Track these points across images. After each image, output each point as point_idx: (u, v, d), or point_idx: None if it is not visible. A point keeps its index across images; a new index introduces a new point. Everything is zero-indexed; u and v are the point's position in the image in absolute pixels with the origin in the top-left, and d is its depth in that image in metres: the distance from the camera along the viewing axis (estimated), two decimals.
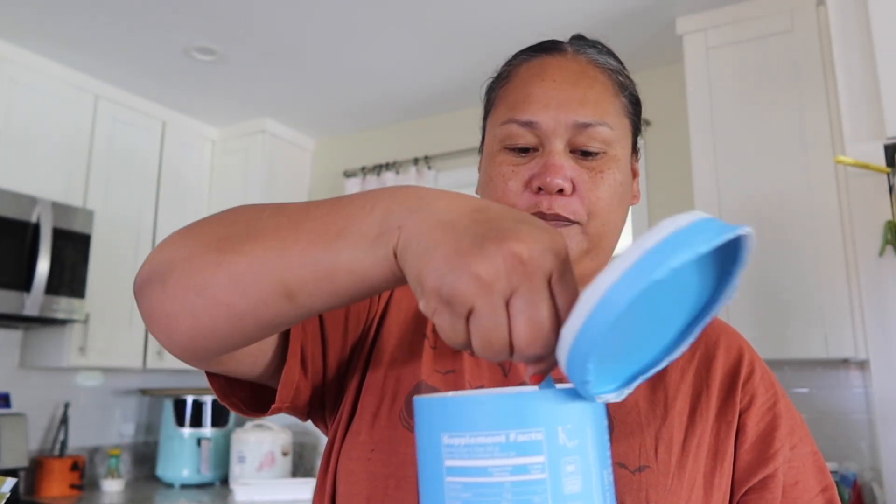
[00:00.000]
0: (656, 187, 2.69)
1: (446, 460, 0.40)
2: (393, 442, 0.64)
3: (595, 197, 0.66)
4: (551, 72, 0.69)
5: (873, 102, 1.77)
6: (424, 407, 0.42)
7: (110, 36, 2.57)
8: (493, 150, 0.70)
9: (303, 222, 0.48)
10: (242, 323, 0.50)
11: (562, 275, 0.40)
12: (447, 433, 0.40)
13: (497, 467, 0.39)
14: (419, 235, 0.42)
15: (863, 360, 2.04)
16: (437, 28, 2.49)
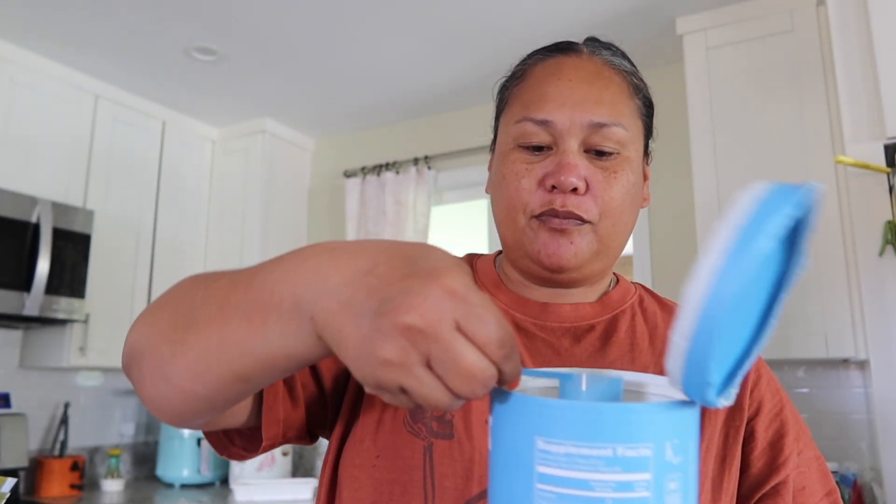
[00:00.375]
0: (656, 188, 2.69)
1: (539, 466, 0.37)
2: (398, 447, 0.63)
3: (608, 197, 0.66)
4: (567, 71, 0.69)
5: (873, 102, 1.77)
6: (517, 404, 0.39)
7: (110, 36, 2.57)
8: (507, 149, 0.70)
9: (229, 311, 0.49)
10: (211, 402, 0.53)
11: (466, 314, 0.39)
12: (543, 437, 0.37)
13: (600, 482, 0.36)
14: (328, 326, 0.42)
15: (863, 360, 2.04)
16: (437, 28, 2.48)
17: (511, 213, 0.68)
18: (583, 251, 0.67)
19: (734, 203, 0.36)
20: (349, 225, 3.23)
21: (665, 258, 2.63)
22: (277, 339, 0.46)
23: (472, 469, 0.62)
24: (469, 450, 0.62)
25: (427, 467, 0.62)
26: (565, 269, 0.67)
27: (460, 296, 0.39)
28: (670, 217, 2.63)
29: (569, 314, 0.71)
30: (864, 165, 1.69)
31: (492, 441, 0.41)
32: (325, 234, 3.47)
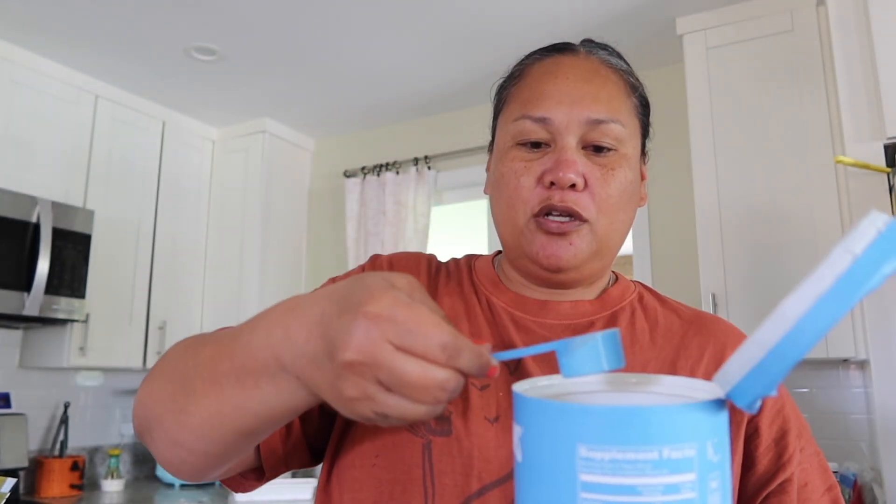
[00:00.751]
0: (656, 187, 2.69)
1: (582, 475, 0.36)
2: (397, 446, 0.64)
3: (605, 194, 0.66)
4: (564, 70, 0.70)
5: (873, 102, 1.77)
6: (555, 412, 0.37)
7: (110, 36, 2.57)
8: (506, 147, 0.70)
9: (220, 379, 0.52)
10: (224, 457, 0.57)
11: (397, 333, 0.41)
12: (586, 445, 0.36)
13: (648, 486, 0.35)
14: (308, 381, 0.47)
15: (863, 360, 2.04)
16: (437, 28, 2.48)
17: (510, 212, 0.69)
18: (582, 251, 0.67)
19: (856, 230, 0.35)
20: (349, 225, 3.23)
21: (665, 258, 2.63)
22: (274, 397, 0.50)
23: (472, 465, 0.62)
24: (468, 446, 0.63)
25: (426, 465, 0.63)
26: (564, 270, 0.68)
27: (385, 317, 0.41)
28: (670, 217, 2.63)
29: (568, 311, 0.71)
30: (864, 165, 1.69)
31: (522, 453, 0.39)
32: (325, 234, 3.47)
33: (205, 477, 0.61)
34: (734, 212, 2.15)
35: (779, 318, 0.36)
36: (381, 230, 3.15)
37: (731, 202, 2.17)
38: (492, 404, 0.65)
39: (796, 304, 0.35)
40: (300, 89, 3.00)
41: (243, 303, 3.16)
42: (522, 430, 0.39)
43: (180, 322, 3.13)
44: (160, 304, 3.05)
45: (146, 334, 2.98)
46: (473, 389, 0.66)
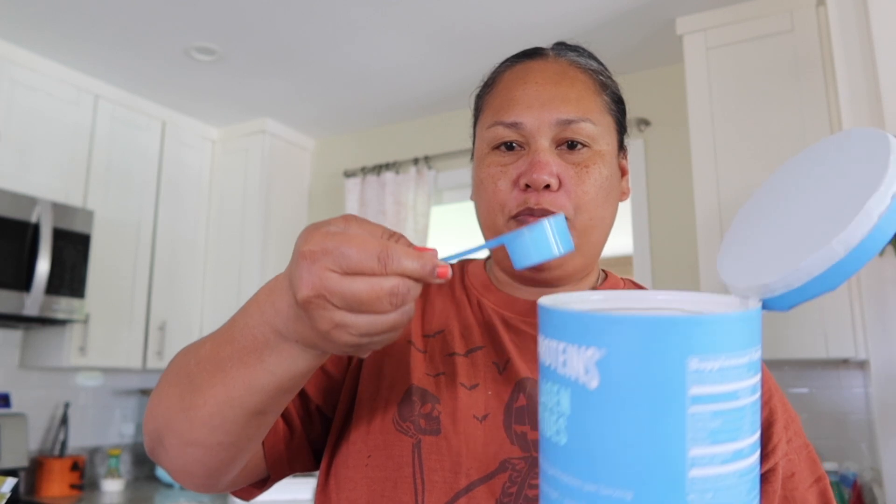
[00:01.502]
0: (656, 187, 2.69)
1: (693, 388, 0.35)
2: (388, 446, 0.66)
3: (581, 191, 0.68)
4: (533, 74, 0.71)
5: (873, 102, 1.77)
6: (664, 326, 0.36)
7: (110, 36, 2.57)
8: (483, 154, 0.72)
9: (224, 364, 0.56)
10: (238, 447, 0.60)
11: (333, 262, 0.45)
12: (698, 356, 0.35)
13: (743, 389, 0.37)
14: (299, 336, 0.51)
15: (863, 360, 2.04)
16: (437, 28, 2.48)
17: (490, 216, 0.71)
18: None
19: None
20: None
21: (665, 258, 2.63)
22: (278, 366, 0.53)
23: (460, 462, 0.64)
24: (456, 444, 0.65)
25: (416, 463, 0.65)
26: (545, 269, 0.70)
27: (319, 251, 0.46)
28: (670, 217, 2.63)
29: None
30: None
31: (600, 377, 0.37)
32: None
33: (218, 480, 0.64)
34: (734, 211, 2.15)
35: (861, 217, 0.37)
36: None
37: (731, 202, 2.17)
38: (480, 403, 0.67)
39: (878, 204, 0.37)
40: (300, 89, 3.00)
41: (243, 303, 3.15)
42: (605, 352, 0.37)
43: (180, 322, 3.13)
44: (160, 304, 3.05)
45: (146, 334, 2.98)
46: (462, 389, 0.68)
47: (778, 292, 0.41)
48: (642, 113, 2.73)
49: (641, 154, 2.72)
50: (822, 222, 0.40)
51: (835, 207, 0.40)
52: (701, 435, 0.36)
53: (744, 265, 0.46)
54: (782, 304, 0.41)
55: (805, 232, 0.41)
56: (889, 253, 1.69)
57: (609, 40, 2.55)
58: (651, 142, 2.72)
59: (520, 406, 0.67)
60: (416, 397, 0.68)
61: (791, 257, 0.41)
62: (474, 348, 0.71)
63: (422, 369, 0.70)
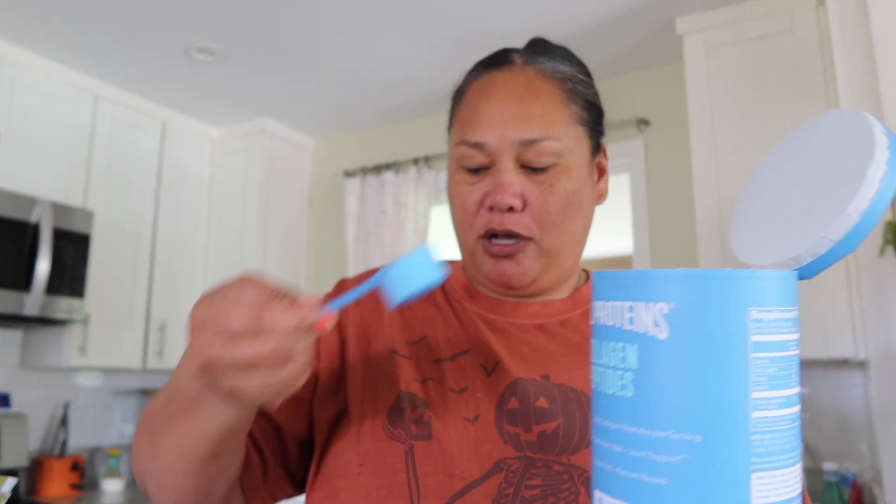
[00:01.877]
0: (656, 187, 2.69)
1: (753, 336, 0.39)
2: (380, 453, 0.66)
3: (545, 211, 0.68)
4: (497, 89, 0.70)
5: (873, 102, 1.76)
6: (727, 280, 0.40)
7: (110, 36, 2.57)
8: (452, 169, 0.73)
9: (172, 415, 0.59)
10: (206, 488, 0.63)
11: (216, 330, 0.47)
12: (758, 308, 0.40)
13: (792, 342, 0.41)
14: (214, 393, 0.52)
15: (863, 360, 2.04)
16: (437, 28, 2.48)
17: (461, 234, 0.72)
18: (531, 268, 0.69)
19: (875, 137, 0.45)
20: (349, 225, 3.23)
21: (665, 258, 2.63)
22: (216, 417, 0.55)
23: (454, 465, 0.64)
24: (448, 447, 0.64)
25: (410, 469, 0.64)
26: (516, 287, 0.71)
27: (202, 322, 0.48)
28: (670, 217, 2.63)
29: (539, 311, 0.73)
30: None
31: (669, 329, 0.40)
32: (325, 234, 3.47)
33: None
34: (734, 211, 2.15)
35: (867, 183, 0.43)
36: (381, 230, 3.15)
37: (731, 202, 2.17)
38: (470, 405, 0.67)
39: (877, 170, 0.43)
40: (300, 89, 3.00)
41: None
42: (674, 305, 0.40)
43: (180, 322, 3.13)
44: (160, 304, 3.05)
45: (146, 334, 2.98)
46: (451, 393, 0.68)
47: (805, 262, 0.46)
48: (642, 113, 2.73)
49: (641, 154, 2.72)
50: (831, 194, 0.45)
51: (839, 179, 0.45)
52: (761, 379, 0.39)
53: (764, 246, 0.50)
54: (810, 272, 0.46)
55: (817, 205, 0.46)
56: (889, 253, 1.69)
57: (609, 40, 2.55)
58: (651, 142, 2.72)
59: (511, 408, 0.67)
60: (405, 404, 0.67)
61: (811, 229, 0.45)
62: (460, 352, 0.71)
63: (409, 376, 0.70)
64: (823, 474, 2.05)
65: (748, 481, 0.39)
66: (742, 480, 0.39)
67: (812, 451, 2.23)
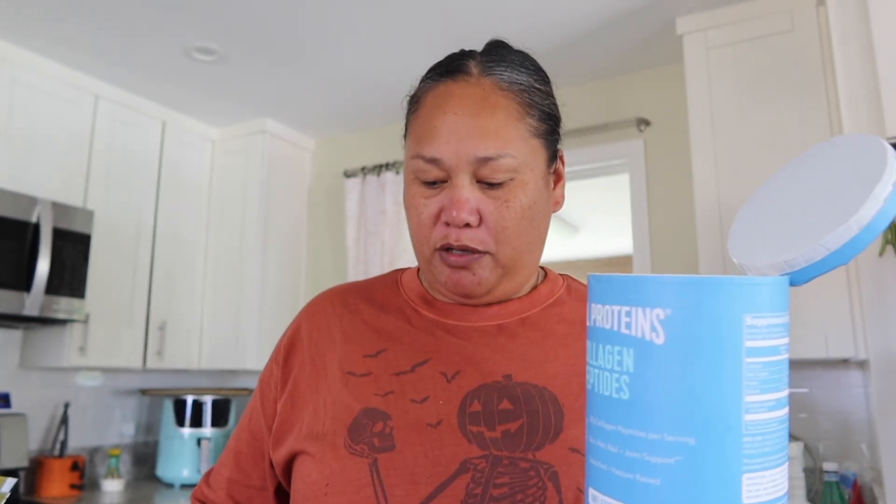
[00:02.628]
0: (656, 187, 2.69)
1: (747, 341, 0.41)
2: (345, 471, 0.66)
3: (501, 226, 0.68)
4: (453, 102, 0.69)
5: (873, 102, 1.77)
6: (723, 287, 0.41)
7: (110, 36, 2.57)
8: (408, 179, 0.72)
9: None
10: None
11: None
12: (751, 314, 0.41)
13: (784, 346, 0.43)
14: None
15: (863, 360, 2.04)
16: (437, 29, 2.48)
17: (417, 244, 0.72)
18: (486, 279, 0.70)
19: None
20: (349, 225, 3.23)
21: (665, 258, 2.63)
22: None
23: (418, 473, 0.64)
24: (412, 455, 0.65)
25: (376, 482, 0.65)
26: (473, 297, 0.71)
27: None
28: (670, 217, 2.63)
29: (497, 312, 0.74)
30: None
31: (666, 335, 0.41)
32: (325, 234, 3.47)
33: None
34: (734, 212, 2.15)
35: (872, 197, 0.44)
36: (381, 230, 3.15)
37: (731, 202, 2.17)
38: (432, 412, 0.67)
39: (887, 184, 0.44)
40: (300, 89, 3.00)
41: (243, 303, 3.16)
42: (670, 311, 0.41)
43: (180, 322, 3.13)
44: (160, 304, 3.05)
45: (146, 334, 2.98)
46: (413, 404, 0.68)
47: (798, 267, 0.46)
48: (642, 113, 2.73)
49: (641, 154, 2.72)
50: (834, 207, 0.46)
51: (845, 194, 0.46)
52: (754, 383, 0.41)
53: (759, 248, 0.51)
54: (802, 278, 0.47)
55: (818, 216, 0.47)
56: (889, 253, 1.69)
57: (609, 40, 2.55)
58: (651, 142, 2.72)
59: (474, 411, 0.67)
60: (366, 420, 0.68)
61: (810, 236, 0.46)
62: (420, 363, 0.71)
63: (369, 391, 0.70)
64: (823, 474, 2.05)
65: (739, 482, 0.40)
66: (733, 481, 0.40)
67: (812, 451, 2.23)
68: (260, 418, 0.79)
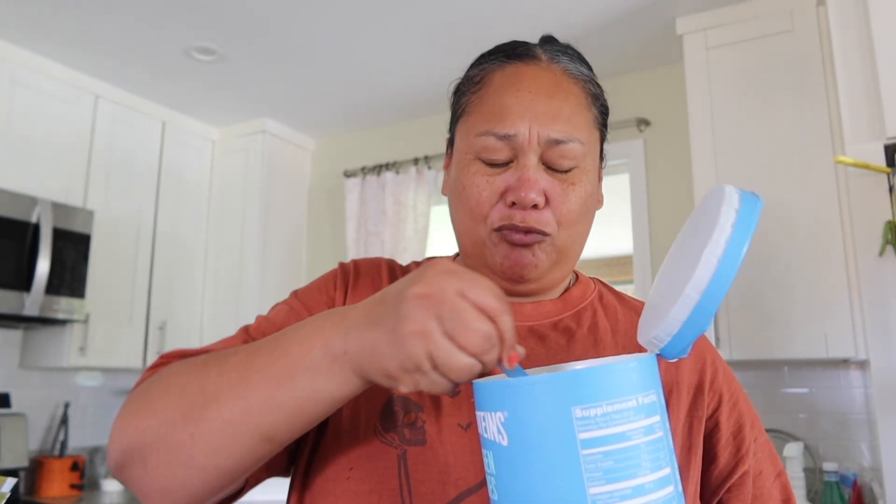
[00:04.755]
0: (656, 187, 2.69)
1: (580, 433, 0.40)
2: (371, 458, 0.64)
3: (566, 209, 0.67)
4: (527, 82, 0.68)
5: (873, 102, 1.77)
6: (545, 384, 0.41)
7: (110, 36, 2.57)
8: (467, 159, 0.70)
9: (252, 373, 0.54)
10: (232, 475, 0.57)
11: (464, 284, 0.47)
12: (580, 406, 0.40)
13: (633, 430, 0.41)
14: (362, 348, 0.51)
15: (863, 360, 2.04)
16: (437, 28, 2.48)
17: (472, 224, 0.69)
18: (543, 262, 0.68)
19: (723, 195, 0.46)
20: (349, 225, 3.23)
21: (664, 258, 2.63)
22: (307, 385, 0.53)
23: (448, 472, 0.63)
24: (443, 454, 0.63)
25: (402, 474, 0.63)
26: (526, 280, 0.70)
27: (456, 272, 0.48)
28: (670, 217, 2.63)
29: (531, 312, 0.73)
30: (864, 165, 1.69)
31: (508, 436, 0.42)
32: (325, 234, 3.47)
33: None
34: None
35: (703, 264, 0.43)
36: (381, 230, 3.15)
37: None
38: (464, 411, 0.66)
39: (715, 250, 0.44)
40: (300, 89, 3.00)
41: (243, 303, 3.16)
42: (507, 413, 0.43)
43: (180, 322, 3.13)
44: (160, 304, 3.05)
45: (146, 334, 2.98)
46: (444, 397, 0.66)
47: (665, 342, 0.46)
48: (642, 113, 2.73)
49: (641, 154, 2.72)
50: (683, 274, 0.46)
51: (690, 260, 0.46)
52: (597, 475, 0.40)
53: (646, 322, 0.52)
54: (674, 351, 0.46)
55: (674, 285, 0.47)
56: (889, 253, 1.69)
57: (609, 40, 2.55)
58: (651, 142, 2.72)
59: None
60: (398, 408, 0.66)
61: (665, 309, 0.46)
62: None
63: None
64: (823, 474, 2.05)
65: None
66: None
67: (812, 451, 2.23)
68: None
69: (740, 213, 0.45)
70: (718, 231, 0.44)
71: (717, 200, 0.46)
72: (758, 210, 0.45)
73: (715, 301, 0.43)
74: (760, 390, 2.33)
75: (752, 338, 2.07)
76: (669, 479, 0.42)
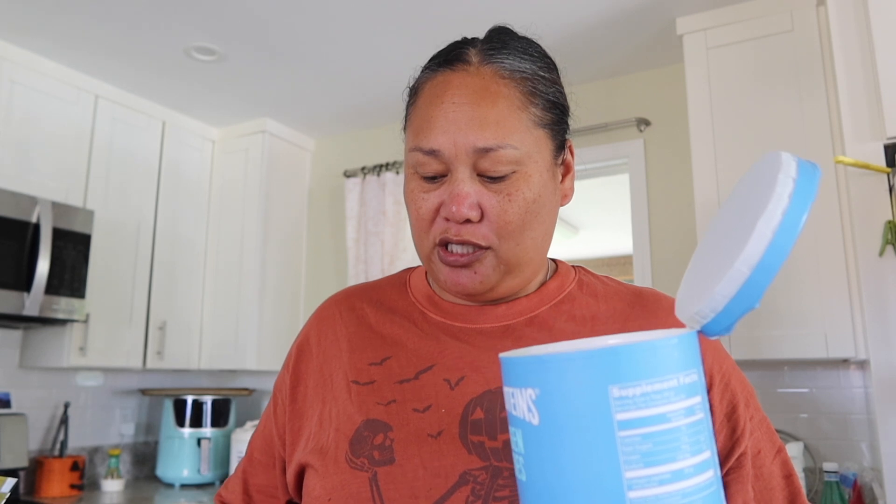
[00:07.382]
0: (656, 187, 2.69)
1: (617, 414, 0.38)
2: (345, 485, 0.65)
3: (504, 221, 0.65)
4: (451, 92, 0.66)
5: (873, 102, 1.77)
6: (582, 360, 0.39)
7: (110, 36, 2.57)
8: (409, 174, 0.70)
9: None
10: None
11: None
12: (618, 385, 0.38)
13: (674, 412, 0.39)
14: None
15: (863, 360, 2.04)
16: (437, 28, 2.48)
17: (417, 241, 0.70)
18: (488, 277, 0.67)
19: (786, 160, 0.43)
20: (349, 225, 3.23)
21: (665, 258, 2.63)
22: None
23: (417, 486, 0.63)
24: (411, 468, 0.64)
25: (376, 496, 0.64)
26: (475, 295, 0.68)
27: None
28: (670, 217, 2.63)
29: (505, 312, 0.71)
30: (864, 165, 1.69)
31: (539, 414, 0.40)
32: (325, 234, 3.47)
33: None
34: None
35: (756, 237, 0.40)
36: (381, 230, 3.15)
37: None
38: (434, 422, 0.66)
39: (770, 221, 0.40)
40: (300, 89, 3.00)
41: (243, 303, 3.16)
42: (538, 391, 0.40)
43: (180, 322, 3.13)
44: (160, 304, 3.05)
45: (146, 334, 2.98)
46: (415, 413, 0.67)
47: (709, 318, 0.43)
48: (642, 113, 2.73)
49: (641, 154, 2.72)
50: (731, 247, 0.43)
51: (741, 231, 0.43)
52: (634, 458, 0.38)
53: (687, 296, 0.49)
54: (718, 328, 0.43)
55: (722, 258, 0.44)
56: (889, 253, 1.69)
57: (609, 40, 2.55)
58: (651, 142, 2.72)
59: (476, 419, 0.65)
60: (367, 432, 0.67)
61: (712, 284, 0.44)
62: (424, 369, 0.69)
63: (372, 401, 0.69)
64: (823, 474, 2.05)
65: None
66: None
67: (812, 451, 2.23)
68: (272, 426, 0.79)
69: (798, 183, 0.41)
70: (775, 201, 0.41)
71: (773, 169, 0.43)
72: (817, 180, 0.41)
73: (768, 276, 0.40)
74: (760, 390, 2.33)
75: (752, 337, 2.07)
76: (709, 464, 0.40)
